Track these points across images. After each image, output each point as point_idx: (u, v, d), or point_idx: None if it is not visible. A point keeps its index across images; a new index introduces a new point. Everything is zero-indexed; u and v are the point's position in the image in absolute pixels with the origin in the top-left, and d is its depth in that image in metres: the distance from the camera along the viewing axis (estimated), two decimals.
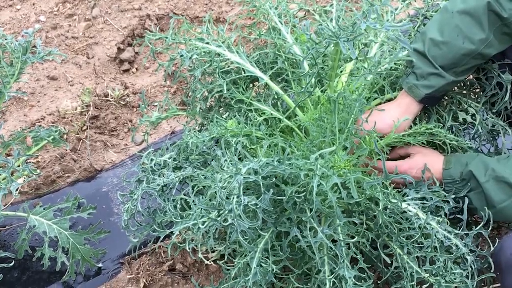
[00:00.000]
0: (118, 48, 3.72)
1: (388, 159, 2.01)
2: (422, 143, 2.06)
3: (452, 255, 1.89)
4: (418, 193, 1.96)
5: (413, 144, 2.07)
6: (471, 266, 1.90)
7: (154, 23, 3.85)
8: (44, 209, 2.47)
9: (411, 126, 2.06)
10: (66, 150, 3.15)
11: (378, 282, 2.15)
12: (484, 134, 2.14)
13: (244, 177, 1.69)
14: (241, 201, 1.67)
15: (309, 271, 2.03)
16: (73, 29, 3.88)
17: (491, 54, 2.01)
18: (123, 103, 3.41)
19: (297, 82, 2.22)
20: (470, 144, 2.17)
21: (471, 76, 2.18)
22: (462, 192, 1.95)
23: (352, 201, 1.78)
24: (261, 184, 1.71)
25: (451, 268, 1.88)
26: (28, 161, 3.07)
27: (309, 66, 2.08)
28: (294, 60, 2.26)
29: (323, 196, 1.75)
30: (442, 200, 1.96)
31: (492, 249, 1.91)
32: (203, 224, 1.87)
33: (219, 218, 1.77)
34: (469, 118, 2.11)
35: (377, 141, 1.94)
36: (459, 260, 1.92)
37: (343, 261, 1.83)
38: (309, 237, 1.81)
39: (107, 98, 3.41)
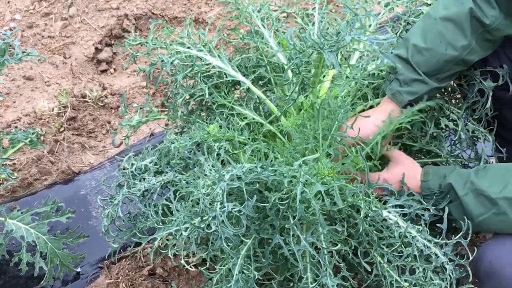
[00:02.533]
0: (96, 48, 3.67)
1: None
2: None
3: (431, 264, 1.89)
4: (398, 200, 1.96)
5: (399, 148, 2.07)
6: (450, 275, 1.90)
7: (132, 23, 3.81)
8: (21, 213, 2.44)
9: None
10: (43, 152, 3.11)
11: None
12: (465, 140, 2.15)
13: (227, 184, 1.68)
14: (225, 208, 1.66)
15: (292, 277, 2.03)
16: (50, 28, 3.82)
17: (474, 60, 2.02)
18: (101, 104, 3.37)
19: (279, 86, 2.21)
20: (448, 150, 2.20)
21: (452, 83, 2.19)
22: (442, 204, 1.96)
23: (335, 209, 1.78)
24: (245, 191, 1.70)
25: (430, 278, 1.89)
26: (4, 163, 3.01)
27: (292, 73, 2.07)
28: (277, 64, 2.26)
29: (307, 204, 1.74)
30: (422, 208, 1.96)
31: (471, 258, 1.91)
32: (186, 231, 1.86)
33: (202, 225, 1.76)
34: (451, 124, 2.12)
35: (362, 149, 1.94)
36: (438, 269, 1.93)
37: (326, 269, 1.83)
38: (292, 245, 1.80)
39: (84, 99, 3.37)
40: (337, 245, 1.87)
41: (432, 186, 1.99)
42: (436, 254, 1.91)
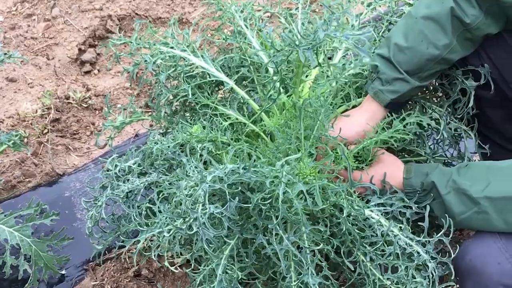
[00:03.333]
0: (79, 49, 3.66)
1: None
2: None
3: (413, 263, 1.90)
4: (381, 199, 1.97)
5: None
6: (432, 273, 1.91)
7: (116, 23, 3.79)
8: (5, 215, 2.41)
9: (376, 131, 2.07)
10: (27, 154, 3.09)
11: (342, 287, 2.16)
12: (447, 138, 2.17)
13: (209, 185, 1.68)
14: (207, 210, 1.66)
15: (275, 276, 2.03)
16: (32, 29, 3.80)
17: (455, 59, 2.03)
18: (85, 105, 3.36)
19: (262, 86, 2.22)
20: (431, 149, 2.21)
21: (434, 82, 2.20)
22: (424, 202, 1.96)
23: (317, 208, 1.78)
24: (227, 193, 1.70)
25: (412, 275, 1.90)
26: None
27: (272, 72, 2.08)
28: (260, 64, 2.26)
29: (289, 204, 1.74)
30: (404, 206, 1.97)
31: (453, 255, 1.93)
32: (168, 232, 1.86)
33: (184, 227, 1.75)
34: (433, 123, 2.14)
35: (347, 150, 1.94)
36: (420, 267, 1.94)
37: (308, 268, 1.83)
38: (274, 244, 1.80)
39: (68, 101, 3.36)
40: (319, 244, 1.87)
41: (414, 183, 1.98)
42: (418, 252, 1.92)
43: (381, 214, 1.94)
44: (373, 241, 1.92)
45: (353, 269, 1.98)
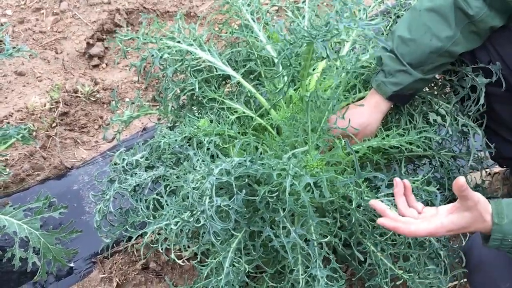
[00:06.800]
0: (88, 43, 3.66)
1: None
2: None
3: (425, 251, 1.90)
4: (390, 189, 1.97)
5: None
6: (444, 261, 1.92)
7: (124, 17, 3.80)
8: (14, 208, 2.43)
9: (381, 127, 2.07)
10: (36, 147, 3.10)
11: (353, 279, 2.17)
12: (455, 135, 2.16)
13: (216, 178, 1.68)
14: (214, 202, 1.67)
15: (283, 270, 2.04)
16: (41, 23, 3.81)
17: (459, 52, 2.03)
18: (93, 99, 3.37)
19: (269, 80, 2.22)
20: (438, 144, 2.20)
21: (442, 78, 2.20)
22: None
23: (324, 200, 1.78)
24: (234, 185, 1.70)
25: (424, 263, 1.90)
26: None
27: (282, 66, 2.08)
28: (267, 58, 2.26)
29: (296, 196, 1.75)
30: (415, 195, 1.97)
31: (464, 243, 1.93)
32: (175, 225, 1.87)
33: (191, 219, 1.76)
34: (439, 119, 2.13)
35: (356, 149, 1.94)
36: (432, 255, 1.94)
37: (316, 261, 1.84)
38: (282, 237, 1.81)
39: (76, 94, 3.37)
40: (327, 237, 1.88)
41: (507, 231, 1.51)
42: (429, 241, 1.92)
43: (392, 204, 1.93)
44: (384, 231, 1.92)
45: (362, 259, 1.99)
